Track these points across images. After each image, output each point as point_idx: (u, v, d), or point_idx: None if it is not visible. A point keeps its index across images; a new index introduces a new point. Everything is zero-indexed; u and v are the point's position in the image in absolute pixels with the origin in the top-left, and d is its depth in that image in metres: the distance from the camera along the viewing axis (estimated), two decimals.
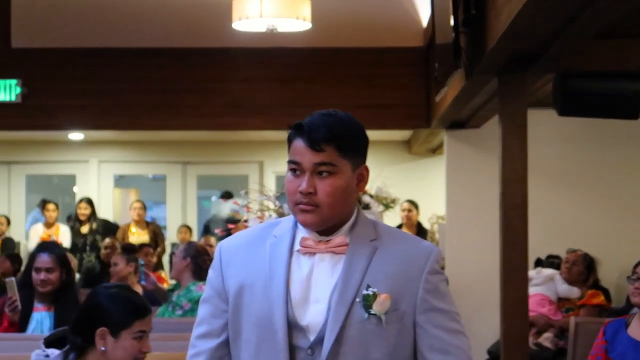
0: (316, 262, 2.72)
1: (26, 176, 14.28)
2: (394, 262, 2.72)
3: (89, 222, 12.17)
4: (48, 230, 12.32)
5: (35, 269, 5.89)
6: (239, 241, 2.86)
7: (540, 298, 8.32)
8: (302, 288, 2.71)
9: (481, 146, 9.74)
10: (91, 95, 10.66)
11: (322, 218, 2.69)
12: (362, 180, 2.75)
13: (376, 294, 2.65)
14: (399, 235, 2.85)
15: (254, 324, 2.72)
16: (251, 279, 2.75)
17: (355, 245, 2.73)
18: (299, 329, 2.69)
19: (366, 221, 2.79)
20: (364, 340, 2.67)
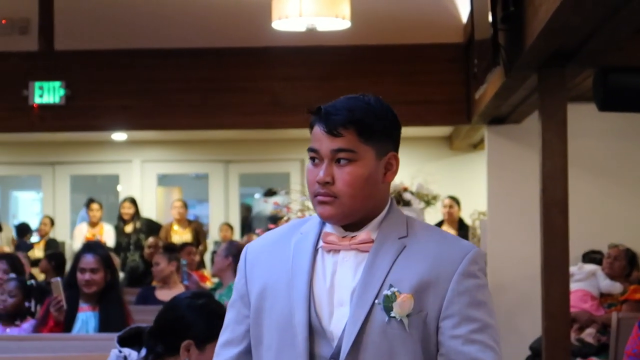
0: (340, 261, 2.46)
1: (70, 177, 14.42)
2: (422, 260, 2.42)
3: (133, 222, 12.28)
4: (92, 230, 12.44)
5: (80, 269, 5.98)
6: (265, 241, 2.62)
7: (583, 294, 8.30)
8: (326, 289, 2.45)
9: (522, 141, 9.71)
10: (134, 96, 10.76)
11: (342, 210, 2.43)
12: (390, 169, 2.47)
13: (396, 294, 2.37)
14: (435, 233, 2.53)
15: (275, 328, 2.47)
16: (274, 279, 2.50)
17: (381, 243, 2.45)
18: (322, 335, 2.42)
19: (399, 217, 2.51)
20: (386, 346, 2.38)
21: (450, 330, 2.40)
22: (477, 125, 10.46)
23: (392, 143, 2.49)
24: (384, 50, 10.62)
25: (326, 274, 2.46)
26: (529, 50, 5.96)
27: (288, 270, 2.48)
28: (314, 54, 10.54)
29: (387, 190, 2.51)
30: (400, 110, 8.35)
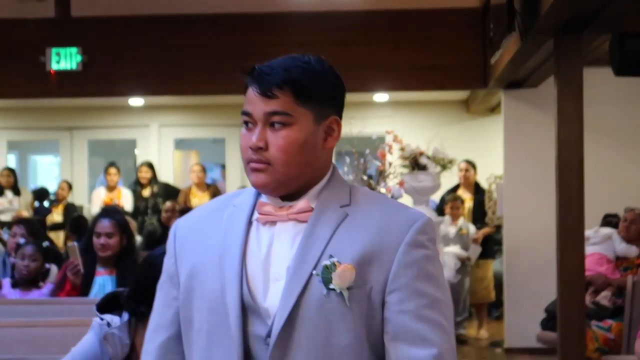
0: (277, 233, 2.24)
1: (88, 141, 14.47)
2: (366, 230, 2.20)
3: (150, 186, 12.34)
4: (110, 194, 12.50)
5: (96, 233, 6.03)
6: (195, 217, 2.39)
7: (598, 257, 8.32)
8: (261, 264, 2.22)
9: (539, 105, 9.71)
10: (150, 61, 10.79)
11: (276, 178, 2.22)
12: (331, 134, 2.26)
13: (336, 264, 2.14)
14: (381, 202, 2.31)
15: (206, 308, 2.24)
16: (205, 256, 2.28)
17: (321, 211, 2.24)
18: (257, 314, 2.20)
19: (341, 185, 2.30)
20: (323, 322, 2.15)
21: (397, 305, 2.18)
22: (494, 89, 10.45)
23: (334, 106, 2.29)
24: (400, 15, 10.61)
25: (261, 248, 2.24)
26: (545, 16, 5.96)
27: (219, 246, 2.26)
28: (330, 19, 10.54)
29: (329, 156, 2.30)
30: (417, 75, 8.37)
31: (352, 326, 2.16)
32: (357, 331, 2.16)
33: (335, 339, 2.16)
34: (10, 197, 12.40)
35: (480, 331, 10.69)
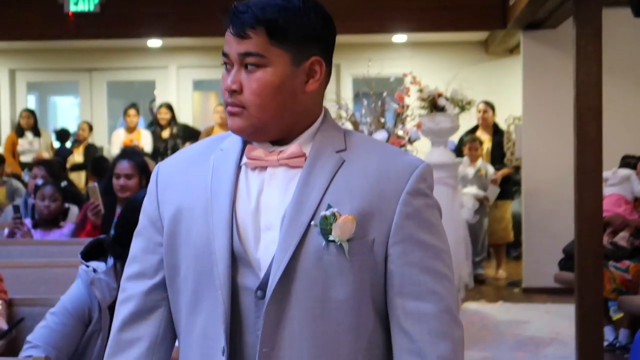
0: (267, 179, 2.14)
1: (107, 83, 14.51)
2: (364, 177, 2.11)
3: (170, 127, 12.37)
4: (129, 135, 12.54)
5: (115, 175, 6.08)
6: (179, 159, 2.27)
7: (616, 198, 8.34)
8: (251, 211, 2.12)
9: (559, 47, 9.66)
10: (169, 2, 10.77)
11: (251, 123, 2.10)
12: (313, 77, 2.13)
13: (336, 215, 2.04)
14: (377, 147, 2.21)
15: (193, 256, 2.13)
16: (190, 201, 2.16)
17: (316, 157, 2.13)
18: (247, 264, 2.10)
19: (335, 129, 2.20)
20: (321, 276, 2.06)
21: (401, 257, 2.09)
22: (513, 30, 10.39)
23: (317, 46, 2.14)
24: None
25: (251, 194, 2.13)
26: None
27: (206, 190, 2.15)
28: None
29: (315, 100, 2.17)
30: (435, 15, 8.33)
31: (352, 279, 2.07)
32: (356, 284, 2.07)
33: (333, 293, 2.06)
34: (31, 138, 12.47)
35: (498, 271, 10.75)
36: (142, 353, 2.19)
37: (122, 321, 2.20)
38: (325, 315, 2.07)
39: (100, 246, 3.64)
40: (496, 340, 7.73)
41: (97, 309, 3.46)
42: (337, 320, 2.07)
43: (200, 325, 2.11)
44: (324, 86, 2.19)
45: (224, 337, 2.07)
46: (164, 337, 2.21)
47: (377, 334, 2.13)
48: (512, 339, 7.77)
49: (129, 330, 2.19)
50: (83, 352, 3.45)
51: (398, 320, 2.11)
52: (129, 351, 2.19)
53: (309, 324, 2.06)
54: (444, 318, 2.09)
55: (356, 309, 2.08)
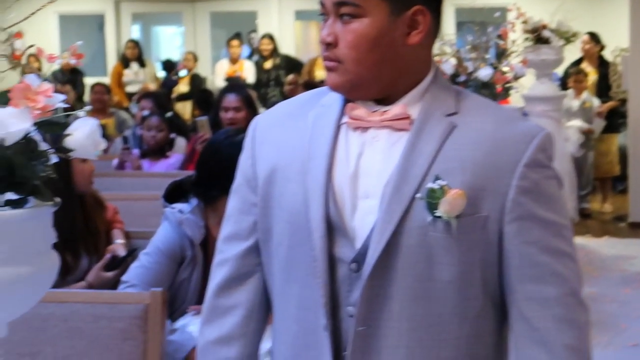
0: (368, 141, 1.95)
1: (210, 13, 14.63)
2: (477, 146, 1.90)
3: (272, 58, 12.45)
4: (233, 66, 12.66)
5: (223, 108, 6.16)
6: (277, 113, 2.12)
7: None
8: (349, 176, 1.94)
9: None
10: None
11: (348, 79, 1.93)
12: (416, 28, 1.92)
13: (445, 189, 1.85)
14: (492, 111, 1.99)
15: (287, 221, 1.98)
16: (286, 161, 2.00)
17: (424, 121, 1.93)
18: (343, 234, 1.93)
19: (445, 89, 1.99)
20: (425, 252, 1.88)
21: (519, 236, 1.90)
22: None
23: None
24: None
25: (350, 157, 1.95)
26: None
27: (303, 150, 1.99)
28: None
29: (420, 55, 1.97)
30: None
31: (458, 259, 1.88)
32: (463, 265, 1.89)
33: (438, 272, 1.88)
34: (136, 69, 12.67)
35: (604, 205, 10.64)
36: (238, 322, 2.09)
37: (218, 285, 2.10)
38: (427, 296, 1.90)
39: (181, 188, 3.70)
40: (602, 275, 7.68)
41: (190, 247, 3.55)
42: (440, 302, 1.90)
43: (295, 296, 1.99)
44: (430, 39, 1.98)
45: (324, 312, 1.93)
46: (260, 305, 2.10)
47: (486, 319, 1.96)
48: (618, 275, 7.71)
49: (225, 297, 2.09)
50: (177, 290, 3.55)
51: (517, 305, 1.93)
52: (225, 319, 2.09)
53: (409, 304, 1.90)
54: (568, 302, 1.91)
55: (463, 292, 1.90)
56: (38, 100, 1.58)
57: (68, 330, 2.86)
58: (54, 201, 1.65)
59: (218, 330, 2.09)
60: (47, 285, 1.71)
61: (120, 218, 4.11)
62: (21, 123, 1.55)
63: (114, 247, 3.84)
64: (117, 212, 4.10)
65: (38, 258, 1.66)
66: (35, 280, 1.65)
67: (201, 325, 2.13)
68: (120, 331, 2.86)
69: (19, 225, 1.61)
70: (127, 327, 2.87)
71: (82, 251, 3.80)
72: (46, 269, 1.68)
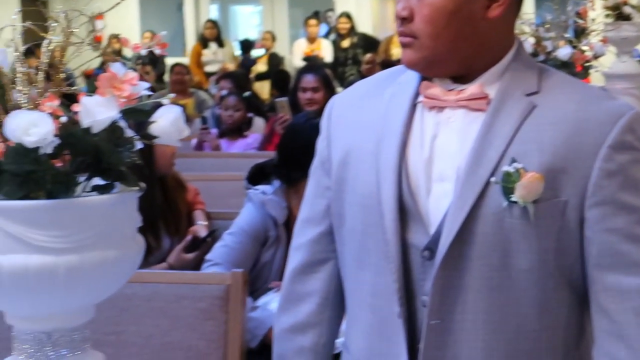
0: (443, 121, 1.85)
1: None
2: (558, 127, 1.78)
3: (350, 37, 12.45)
4: (311, 45, 12.70)
5: (301, 88, 6.20)
6: (354, 92, 2.04)
7: None
8: (423, 158, 1.85)
9: None
10: None
11: (424, 55, 1.83)
12: (496, 1, 1.82)
13: (521, 172, 1.74)
14: (576, 90, 1.85)
15: (359, 205, 1.90)
16: (360, 141, 1.92)
17: (502, 100, 1.82)
18: (417, 219, 1.84)
19: (528, 67, 1.88)
20: (501, 240, 1.77)
21: (601, 223, 1.77)
22: None
23: None
24: None
25: (424, 138, 1.86)
26: None
27: (378, 129, 1.90)
28: None
29: (500, 29, 1.86)
30: None
31: (537, 247, 1.77)
32: (542, 253, 1.77)
33: (515, 261, 1.78)
34: (215, 48, 12.77)
35: None
36: (313, 310, 2.04)
37: (293, 271, 2.06)
38: (504, 286, 1.80)
39: (264, 170, 3.77)
40: None
41: (273, 228, 3.60)
42: (518, 292, 1.80)
43: (368, 282, 1.90)
44: (512, 13, 1.87)
45: (397, 298, 1.85)
46: (335, 293, 2.03)
47: (567, 310, 1.86)
48: None
49: (300, 283, 2.05)
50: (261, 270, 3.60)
51: (596, 296, 1.81)
52: (300, 306, 2.05)
53: (485, 295, 1.80)
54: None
55: (542, 281, 1.80)
56: (124, 89, 1.62)
57: (151, 310, 2.92)
58: (139, 186, 1.70)
59: (293, 317, 2.06)
60: (133, 268, 1.76)
61: (201, 199, 4.17)
62: (108, 111, 1.60)
63: (195, 228, 3.90)
64: (198, 194, 4.16)
65: (124, 242, 1.70)
66: (121, 263, 1.70)
67: (277, 312, 2.11)
68: (202, 311, 2.91)
69: (106, 210, 1.66)
70: (209, 307, 2.92)
71: (164, 232, 3.86)
72: (132, 253, 1.73)
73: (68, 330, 1.71)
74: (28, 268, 1.60)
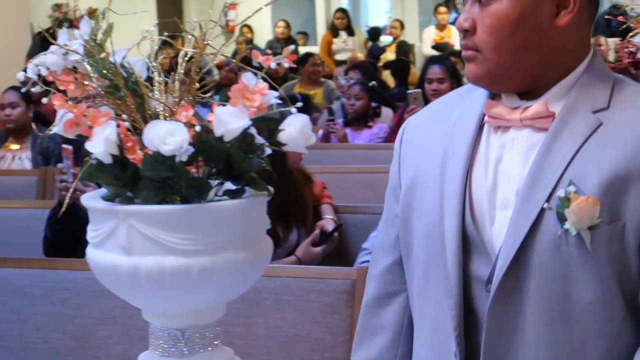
0: (508, 143, 1.72)
1: None
2: (623, 143, 1.61)
3: None
4: (440, 33, 12.67)
5: (427, 80, 6.22)
6: (426, 113, 1.92)
7: None
8: (488, 184, 1.72)
9: None
10: None
11: (488, 69, 1.70)
12: (565, 7, 1.68)
13: (572, 196, 1.59)
14: None
15: (424, 234, 1.78)
16: (426, 165, 1.80)
17: (565, 119, 1.67)
18: (480, 249, 1.71)
19: (601, 80, 1.70)
20: (560, 270, 1.62)
21: None
22: None
23: None
24: None
25: (489, 162, 1.73)
26: None
27: (443, 152, 1.78)
28: None
29: (571, 38, 1.70)
30: None
31: (598, 276, 1.61)
32: (604, 283, 1.62)
33: (576, 293, 1.63)
34: (345, 37, 12.84)
35: None
36: (386, 345, 1.94)
37: (367, 303, 1.96)
38: (567, 320, 1.65)
39: None
40: None
41: None
42: (582, 325, 1.65)
43: (430, 317, 1.79)
44: (585, 20, 1.72)
45: (455, 336, 1.73)
46: (408, 327, 1.91)
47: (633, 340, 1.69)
48: None
49: (373, 316, 1.94)
50: None
51: None
52: (373, 340, 1.96)
53: (546, 330, 1.65)
54: None
55: (607, 312, 1.65)
56: (254, 99, 1.69)
57: (279, 303, 3.00)
58: (268, 191, 1.77)
59: (367, 352, 1.96)
60: (262, 268, 1.82)
61: (329, 192, 4.22)
62: (239, 121, 1.67)
63: (322, 222, 3.97)
64: (325, 187, 4.21)
65: (254, 244, 1.77)
66: (251, 264, 1.77)
67: (353, 345, 2.02)
68: (328, 305, 2.97)
69: (237, 214, 1.72)
70: (335, 301, 2.98)
71: (293, 224, 3.94)
72: (261, 254, 1.80)
73: (200, 328, 1.79)
74: (164, 269, 1.68)
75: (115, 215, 1.70)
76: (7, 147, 6.00)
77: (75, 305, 3.14)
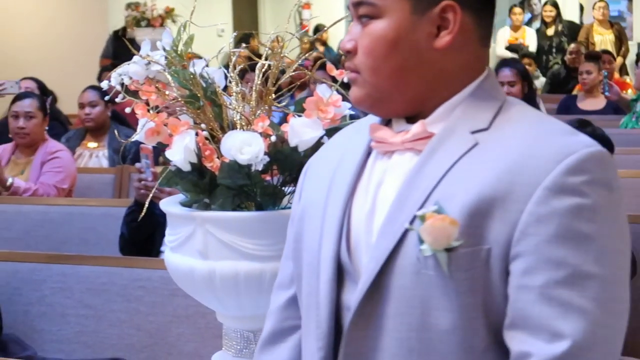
0: (390, 167, 1.59)
1: None
2: (494, 164, 1.48)
3: (554, 24, 12.28)
4: (515, 34, 12.59)
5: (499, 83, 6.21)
6: (331, 143, 1.79)
7: None
8: (365, 210, 1.59)
9: None
10: None
11: (367, 92, 1.59)
12: (445, 27, 1.56)
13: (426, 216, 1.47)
14: (530, 124, 1.54)
15: (307, 265, 1.66)
16: (315, 193, 1.68)
17: (442, 139, 1.55)
18: (352, 277, 1.58)
19: (488, 101, 1.58)
20: (419, 296, 1.49)
21: (520, 277, 1.45)
22: None
23: None
24: None
25: (370, 186, 1.60)
26: None
27: (330, 179, 1.66)
28: None
29: (456, 60, 1.59)
30: None
31: (458, 304, 1.47)
32: (464, 311, 1.47)
33: (434, 320, 1.48)
34: None
35: None
36: None
37: (262, 340, 1.78)
38: (425, 349, 1.50)
39: None
40: None
41: None
42: (439, 355, 1.49)
43: (306, 350, 1.66)
44: (471, 40, 1.59)
45: None
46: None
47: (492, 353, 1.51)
48: None
49: (266, 353, 1.77)
50: None
51: None
52: None
53: (404, 358, 1.51)
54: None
55: (466, 342, 1.48)
56: (328, 111, 1.75)
57: None
58: None
59: None
60: None
61: None
62: (313, 132, 1.73)
63: None
64: None
65: None
66: None
67: None
68: None
69: None
70: None
71: None
72: None
73: None
74: (238, 273, 1.75)
75: (192, 220, 1.76)
76: (85, 145, 6.13)
77: (150, 303, 3.21)
